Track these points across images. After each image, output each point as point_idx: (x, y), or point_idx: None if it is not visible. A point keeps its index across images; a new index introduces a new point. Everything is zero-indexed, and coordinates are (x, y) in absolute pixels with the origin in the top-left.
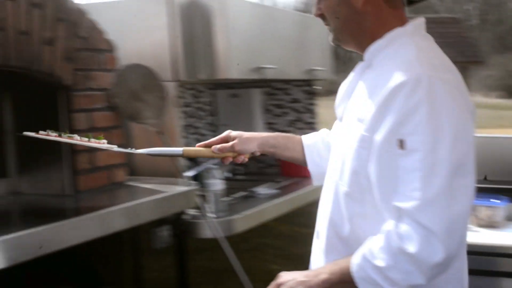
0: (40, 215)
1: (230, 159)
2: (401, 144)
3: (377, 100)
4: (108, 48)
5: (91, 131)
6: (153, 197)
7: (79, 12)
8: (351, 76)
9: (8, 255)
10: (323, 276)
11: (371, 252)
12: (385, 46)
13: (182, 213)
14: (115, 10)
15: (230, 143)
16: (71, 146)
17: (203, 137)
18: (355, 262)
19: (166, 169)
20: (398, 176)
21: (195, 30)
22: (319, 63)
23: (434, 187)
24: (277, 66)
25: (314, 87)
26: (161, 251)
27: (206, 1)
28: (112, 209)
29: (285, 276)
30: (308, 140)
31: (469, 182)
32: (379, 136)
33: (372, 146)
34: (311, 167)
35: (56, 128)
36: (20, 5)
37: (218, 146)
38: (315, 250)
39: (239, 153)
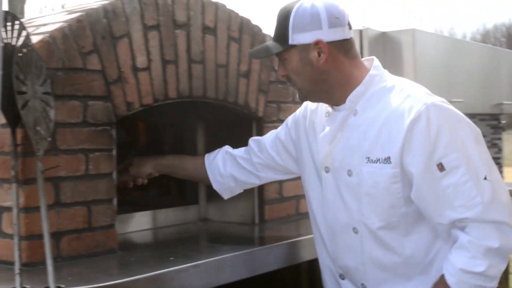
0: (226, 242)
1: (131, 183)
2: (441, 167)
3: (395, 138)
4: None
5: None
6: None
7: None
8: (324, 126)
9: (194, 281)
10: None
11: (466, 265)
12: (364, 91)
13: None
14: None
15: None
16: None
17: None
18: (453, 280)
19: None
20: (447, 194)
21: (383, 62)
22: (508, 97)
23: (486, 189)
24: (464, 100)
25: (501, 121)
26: None
27: (395, 34)
28: (297, 239)
29: None
30: (208, 159)
31: (497, 171)
32: (416, 169)
33: (413, 178)
34: (215, 185)
35: None
36: (220, 39)
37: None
38: None
39: (137, 176)
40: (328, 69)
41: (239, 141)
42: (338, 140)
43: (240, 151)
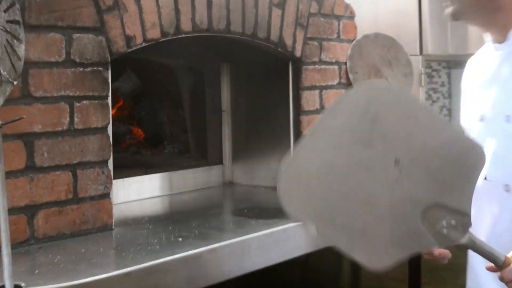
0: (253, 215)
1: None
2: None
3: None
4: (347, 15)
5: (321, 112)
6: None
7: None
8: (487, 63)
9: (209, 270)
10: None
11: None
12: None
13: None
14: None
15: None
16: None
17: None
18: None
19: None
20: None
21: None
22: None
23: None
24: None
25: None
26: None
27: None
28: None
29: None
30: None
31: None
32: None
33: None
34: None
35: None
36: None
37: None
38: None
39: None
40: None
41: (272, 87)
42: (497, 83)
43: None
